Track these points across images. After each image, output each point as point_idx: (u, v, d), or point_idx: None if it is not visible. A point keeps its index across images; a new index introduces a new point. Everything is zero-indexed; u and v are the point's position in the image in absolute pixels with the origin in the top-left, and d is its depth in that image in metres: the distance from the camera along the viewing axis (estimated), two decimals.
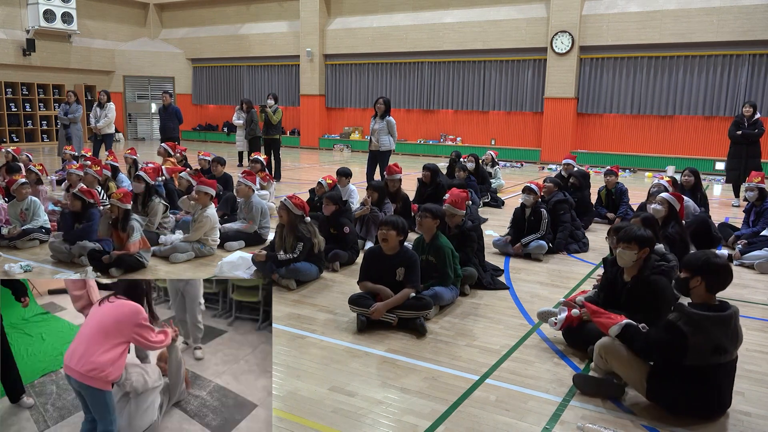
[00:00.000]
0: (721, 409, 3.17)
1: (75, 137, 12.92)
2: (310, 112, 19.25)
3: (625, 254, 3.88)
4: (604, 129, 15.55)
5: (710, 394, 3.08)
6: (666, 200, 5.60)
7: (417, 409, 3.21)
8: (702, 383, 3.06)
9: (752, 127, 9.69)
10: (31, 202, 6.71)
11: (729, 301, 3.17)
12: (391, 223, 4.43)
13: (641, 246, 3.85)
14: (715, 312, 3.02)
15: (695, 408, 3.12)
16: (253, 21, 20.35)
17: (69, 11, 18.50)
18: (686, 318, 3.02)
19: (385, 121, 9.62)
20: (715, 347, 2.99)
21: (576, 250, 6.62)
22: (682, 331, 3.00)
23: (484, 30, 16.10)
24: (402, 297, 4.30)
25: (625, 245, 3.88)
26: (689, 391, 3.08)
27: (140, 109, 22.19)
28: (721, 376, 3.08)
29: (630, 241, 3.86)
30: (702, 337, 2.97)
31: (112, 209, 5.72)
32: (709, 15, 13.55)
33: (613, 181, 8.16)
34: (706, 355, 2.99)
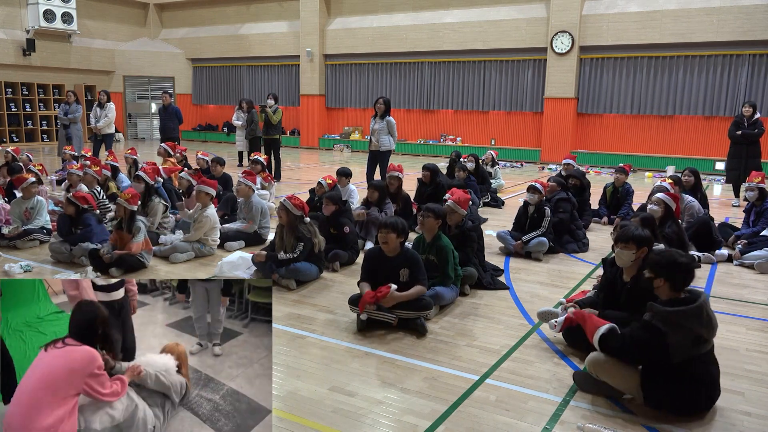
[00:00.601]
0: (715, 397, 3.22)
1: (75, 137, 12.93)
2: (310, 112, 19.25)
3: (623, 254, 3.88)
4: (604, 129, 15.55)
5: (702, 386, 3.11)
6: (662, 201, 5.65)
7: (417, 409, 3.21)
8: (693, 377, 3.09)
9: (752, 127, 9.69)
10: (37, 201, 6.71)
11: (729, 301, 3.17)
12: (391, 225, 4.40)
13: (639, 246, 3.86)
14: (686, 305, 3.08)
15: (693, 402, 3.14)
16: (253, 21, 20.35)
17: (69, 11, 18.50)
18: (660, 317, 3.07)
19: (385, 121, 9.62)
20: (695, 339, 3.04)
21: (575, 249, 6.63)
22: (659, 329, 3.04)
23: (484, 30, 16.10)
24: (416, 293, 4.29)
25: (623, 245, 3.89)
26: (683, 388, 3.10)
27: (140, 109, 22.19)
28: (708, 365, 3.14)
29: (628, 241, 3.87)
30: (680, 332, 3.01)
31: (119, 209, 5.73)
32: (709, 15, 13.55)
33: (622, 179, 8.15)
34: (688, 349, 3.03)
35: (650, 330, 3.08)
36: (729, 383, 3.55)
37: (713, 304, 4.97)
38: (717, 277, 5.81)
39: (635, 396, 3.24)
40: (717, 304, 4.99)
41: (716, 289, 5.40)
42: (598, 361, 3.33)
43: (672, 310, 3.06)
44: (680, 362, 3.05)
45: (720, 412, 3.23)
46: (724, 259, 6.33)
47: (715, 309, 4.85)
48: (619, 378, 3.25)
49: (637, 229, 3.96)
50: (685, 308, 3.05)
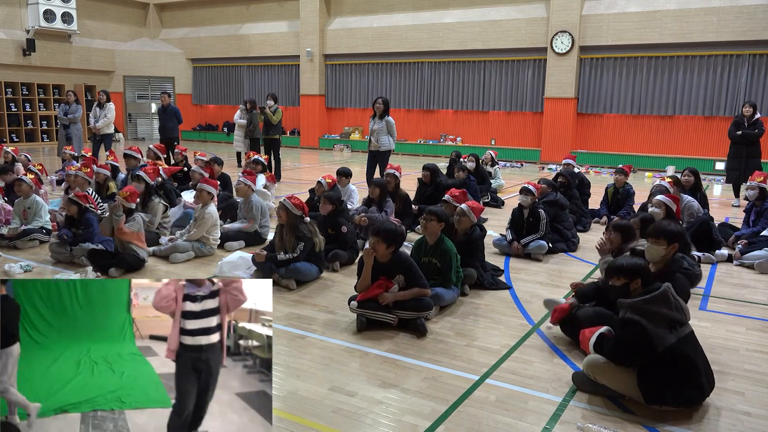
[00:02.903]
0: (711, 381, 3.25)
1: (75, 137, 12.92)
2: (310, 112, 19.25)
3: (653, 249, 3.87)
4: (604, 129, 15.55)
5: (695, 371, 3.14)
6: (662, 203, 5.68)
7: (417, 409, 3.21)
8: (685, 363, 3.12)
9: (752, 127, 9.69)
10: (33, 201, 6.71)
11: (729, 301, 3.18)
12: (382, 234, 4.29)
13: (670, 241, 3.84)
14: (650, 294, 3.18)
15: (692, 389, 3.15)
16: (253, 21, 20.35)
17: (69, 11, 18.49)
18: (631, 308, 3.17)
19: (384, 121, 9.62)
20: (669, 322, 3.12)
21: (563, 249, 6.64)
22: (635, 320, 3.13)
23: (484, 30, 16.10)
24: (411, 294, 4.29)
25: (654, 240, 3.87)
26: (678, 377, 3.13)
27: (140, 109, 22.19)
28: (695, 347, 3.21)
29: (659, 236, 3.86)
30: (653, 318, 3.10)
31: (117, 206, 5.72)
32: (709, 15, 13.55)
33: (622, 180, 8.16)
34: (667, 334, 3.09)
35: (627, 324, 3.17)
36: (729, 383, 3.56)
37: (713, 304, 5.00)
38: (717, 277, 5.81)
39: (635, 397, 3.24)
40: (717, 304, 5.00)
41: (716, 289, 5.39)
42: (595, 363, 3.35)
43: (639, 299, 3.18)
44: (667, 351, 3.09)
45: (720, 412, 3.23)
46: (724, 259, 6.33)
47: (715, 309, 4.88)
48: (617, 380, 3.26)
49: (669, 224, 3.94)
50: (649, 296, 3.16)
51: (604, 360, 3.30)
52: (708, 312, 4.79)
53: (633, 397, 3.25)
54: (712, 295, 5.23)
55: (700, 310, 4.79)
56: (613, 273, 3.55)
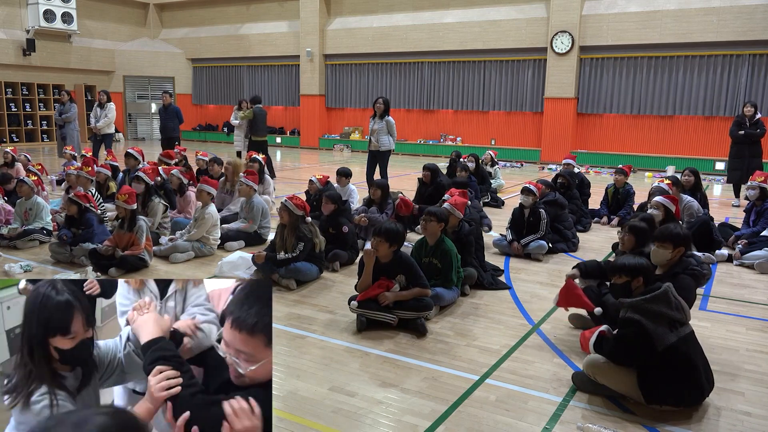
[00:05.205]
0: (711, 380, 3.26)
1: (69, 137, 12.88)
2: (310, 112, 19.25)
3: (659, 252, 3.88)
4: (604, 129, 15.55)
5: (695, 370, 3.15)
6: (661, 204, 5.68)
7: (417, 409, 3.21)
8: (684, 362, 3.13)
9: (754, 126, 9.69)
10: (35, 203, 6.72)
11: (729, 301, 3.18)
12: (384, 234, 4.31)
13: (676, 245, 3.84)
14: (650, 293, 3.19)
15: (692, 388, 3.16)
16: (253, 21, 20.35)
17: (69, 11, 18.50)
18: (632, 307, 3.18)
19: (384, 121, 9.61)
20: (670, 321, 3.12)
21: (564, 249, 6.64)
22: (635, 319, 3.13)
23: (484, 30, 16.10)
24: (412, 294, 4.29)
25: (660, 243, 3.87)
26: (679, 376, 3.13)
27: (140, 109, 22.19)
28: (695, 346, 3.21)
29: (665, 240, 3.86)
30: (653, 317, 3.10)
31: (119, 210, 5.73)
32: (709, 15, 13.55)
33: (622, 180, 8.17)
34: (667, 333, 3.09)
35: (628, 323, 3.17)
36: (729, 383, 3.56)
37: (713, 304, 5.00)
38: (717, 277, 5.81)
39: (635, 397, 3.24)
40: (717, 304, 5.00)
41: (716, 289, 5.39)
42: (595, 363, 3.35)
43: (640, 299, 3.19)
44: (667, 350, 3.09)
45: (720, 412, 3.23)
46: (724, 259, 6.33)
47: (715, 309, 4.88)
48: (618, 380, 3.26)
49: (676, 228, 3.94)
50: (649, 295, 3.17)
51: (604, 360, 3.30)
52: (708, 312, 4.80)
53: (633, 397, 3.25)
54: (712, 295, 5.23)
55: (700, 310, 4.79)
56: (614, 271, 3.57)
